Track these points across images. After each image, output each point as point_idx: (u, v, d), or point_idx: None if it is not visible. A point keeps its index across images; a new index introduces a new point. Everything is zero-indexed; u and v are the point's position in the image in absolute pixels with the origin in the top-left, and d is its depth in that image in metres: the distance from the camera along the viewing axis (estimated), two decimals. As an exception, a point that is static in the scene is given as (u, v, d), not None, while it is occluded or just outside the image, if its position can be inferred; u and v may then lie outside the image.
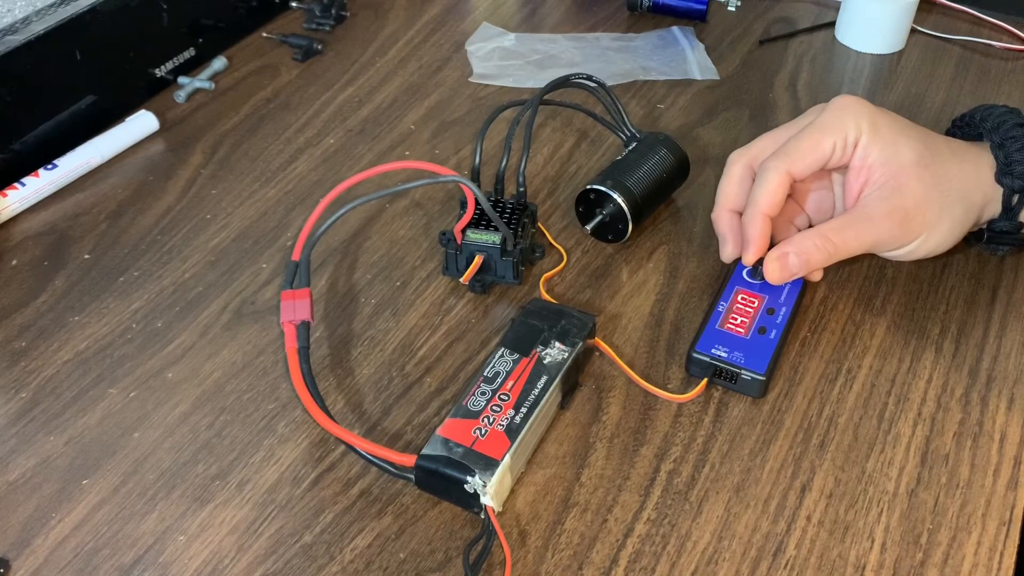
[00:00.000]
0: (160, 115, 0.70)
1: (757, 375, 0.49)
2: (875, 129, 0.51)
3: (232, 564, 0.43)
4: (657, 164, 0.59)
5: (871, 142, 0.51)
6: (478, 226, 0.55)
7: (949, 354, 0.52)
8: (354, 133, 0.70)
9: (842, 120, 0.51)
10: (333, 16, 0.82)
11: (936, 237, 0.52)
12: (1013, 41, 0.81)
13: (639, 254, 0.59)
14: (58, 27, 0.65)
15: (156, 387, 0.51)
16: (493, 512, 0.43)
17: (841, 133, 0.51)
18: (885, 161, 0.51)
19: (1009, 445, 0.48)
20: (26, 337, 0.53)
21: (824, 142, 0.51)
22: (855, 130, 0.51)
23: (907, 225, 0.51)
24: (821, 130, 0.51)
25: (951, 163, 0.52)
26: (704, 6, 0.83)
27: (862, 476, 0.46)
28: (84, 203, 0.63)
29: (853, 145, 0.51)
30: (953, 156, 0.53)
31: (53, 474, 0.46)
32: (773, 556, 0.43)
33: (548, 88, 0.60)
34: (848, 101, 0.52)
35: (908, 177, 0.51)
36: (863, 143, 0.51)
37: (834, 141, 0.51)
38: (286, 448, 0.47)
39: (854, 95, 0.53)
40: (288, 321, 0.49)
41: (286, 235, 0.61)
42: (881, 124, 0.51)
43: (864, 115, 0.51)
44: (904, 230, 0.51)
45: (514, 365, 0.48)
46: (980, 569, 0.42)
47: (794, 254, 0.51)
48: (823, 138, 0.51)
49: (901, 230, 0.51)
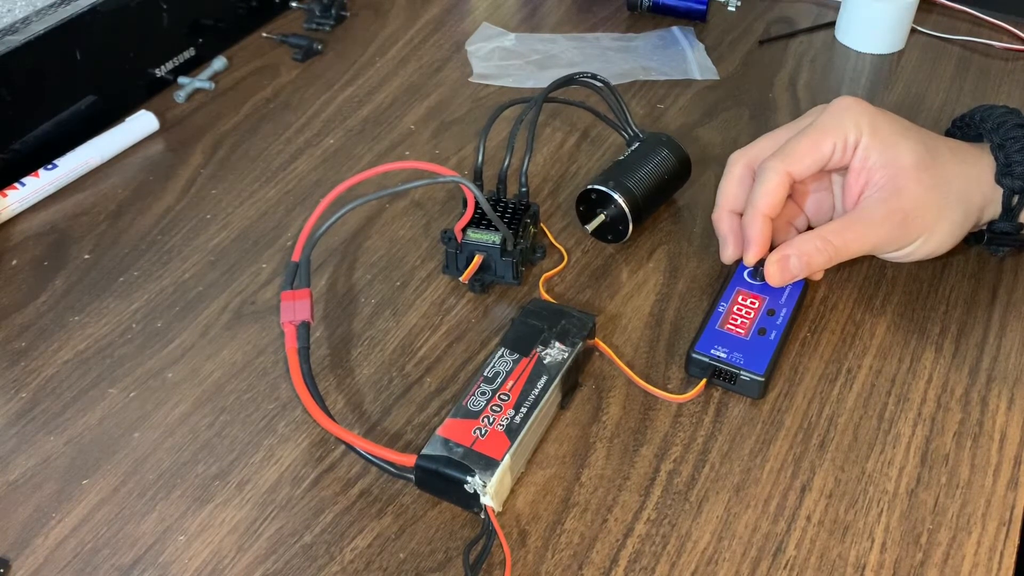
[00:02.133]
0: (160, 115, 0.70)
1: (756, 376, 0.49)
2: (875, 131, 0.51)
3: (232, 564, 0.43)
4: (658, 165, 0.59)
5: (871, 144, 0.51)
6: (479, 225, 0.55)
7: (949, 354, 0.52)
8: (354, 133, 0.70)
9: (842, 121, 0.51)
10: (333, 16, 0.82)
11: (936, 239, 0.52)
12: (1013, 41, 0.81)
13: (639, 254, 0.59)
14: (58, 27, 0.65)
15: (156, 387, 0.51)
16: (493, 512, 0.43)
17: (841, 134, 0.51)
18: (885, 163, 0.51)
19: (1009, 445, 0.48)
20: (26, 337, 0.53)
21: (824, 143, 0.51)
22: (855, 131, 0.51)
23: (907, 227, 0.51)
24: (821, 131, 0.51)
25: (951, 164, 0.52)
26: (704, 6, 0.83)
27: (862, 476, 0.46)
28: (84, 203, 0.63)
29: (853, 146, 0.51)
30: (953, 157, 0.53)
31: (53, 474, 0.46)
32: (773, 556, 0.43)
33: (552, 87, 0.60)
34: (848, 102, 0.52)
35: (908, 179, 0.51)
36: (863, 144, 0.51)
37: (834, 142, 0.51)
38: (286, 448, 0.47)
39: (854, 96, 0.53)
40: (288, 321, 0.49)
41: (286, 235, 0.61)
42: (881, 126, 0.51)
43: (864, 116, 0.51)
44: (904, 232, 0.51)
45: (514, 365, 0.48)
46: (980, 569, 0.42)
47: (795, 256, 0.51)
48: (823, 139, 0.51)
49: (901, 232, 0.51)
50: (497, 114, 0.59)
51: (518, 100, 0.62)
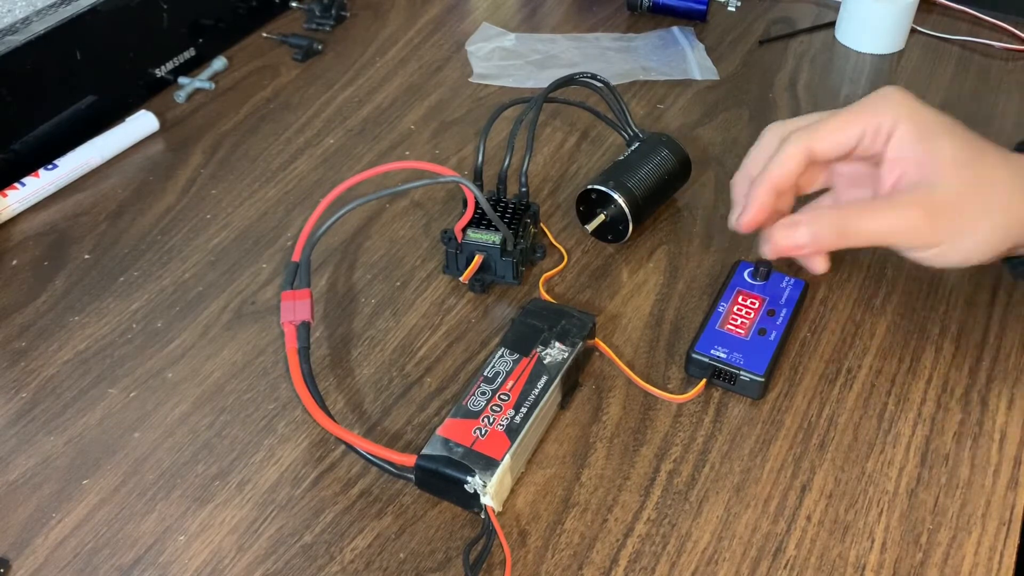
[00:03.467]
0: (160, 115, 0.70)
1: (756, 376, 0.49)
2: (914, 122, 0.48)
3: (232, 564, 0.43)
4: (658, 165, 0.59)
5: (908, 134, 0.48)
6: (479, 225, 0.55)
7: (949, 354, 0.52)
8: (354, 133, 0.70)
9: (877, 108, 0.48)
10: (333, 16, 0.82)
11: (968, 244, 0.48)
12: (1013, 41, 0.81)
13: (639, 254, 0.59)
14: (58, 27, 0.65)
15: (156, 387, 0.51)
16: (493, 512, 0.43)
17: (873, 120, 0.48)
18: (921, 154, 0.47)
19: (1009, 445, 0.48)
20: (26, 337, 0.53)
21: (852, 126, 0.48)
22: (891, 120, 0.48)
23: (933, 221, 0.47)
24: (853, 113, 0.49)
25: (1000, 169, 0.48)
26: (704, 6, 0.83)
27: (862, 476, 0.46)
28: (84, 203, 0.63)
29: (887, 135, 0.48)
30: (1004, 163, 0.48)
31: (53, 474, 0.46)
32: (773, 556, 0.43)
33: (552, 87, 0.60)
34: (890, 91, 0.49)
35: (944, 174, 0.47)
36: (899, 134, 0.48)
37: (863, 127, 0.48)
38: (286, 448, 0.47)
39: (899, 86, 0.50)
40: (288, 321, 0.49)
41: (286, 235, 0.61)
42: (923, 118, 0.48)
43: (904, 107, 0.48)
44: (930, 227, 0.47)
45: (514, 365, 0.48)
46: (980, 569, 0.42)
47: (805, 225, 0.48)
48: (852, 122, 0.48)
49: (926, 225, 0.47)
50: (497, 114, 0.59)
51: (518, 100, 0.62)
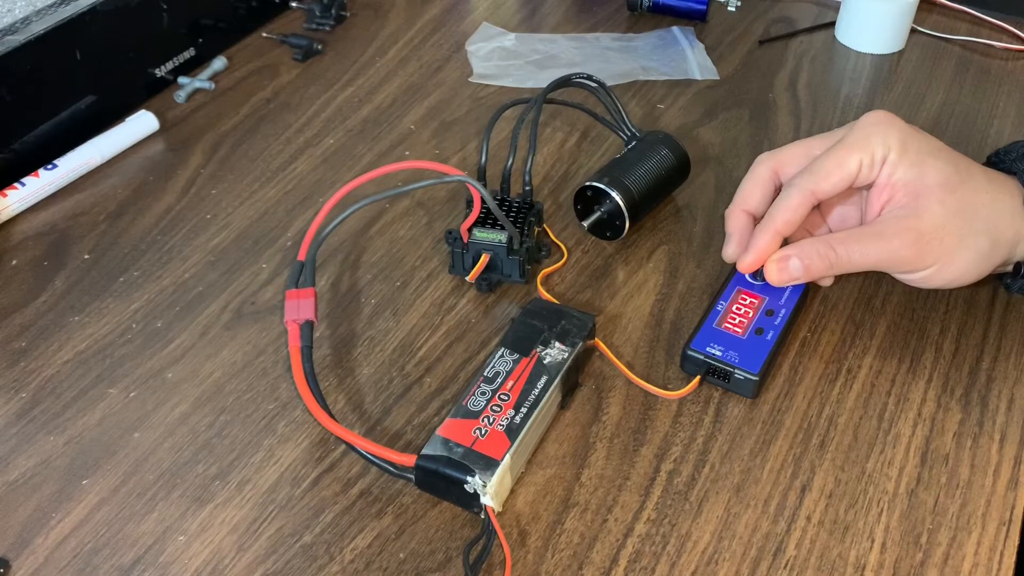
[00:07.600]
0: (160, 115, 0.70)
1: (750, 375, 0.49)
2: (904, 148, 0.49)
3: (232, 564, 0.43)
4: (656, 162, 0.59)
5: (899, 161, 0.49)
6: (484, 225, 0.55)
7: (949, 354, 0.52)
8: (354, 133, 0.70)
9: (869, 138, 0.50)
10: (333, 16, 0.82)
11: (955, 268, 0.50)
12: (1013, 41, 0.81)
13: (639, 254, 0.59)
14: (58, 27, 0.65)
15: (156, 387, 0.51)
16: (493, 512, 0.43)
17: (868, 151, 0.49)
18: (909, 181, 0.49)
19: (1009, 445, 0.48)
20: (26, 337, 0.53)
21: (850, 160, 0.49)
22: (883, 148, 0.49)
23: (920, 247, 0.49)
24: (847, 148, 0.50)
25: (983, 192, 0.50)
26: (704, 6, 0.83)
27: (862, 476, 0.46)
28: (84, 203, 0.63)
29: (880, 163, 0.49)
30: (988, 185, 0.50)
31: (53, 474, 0.46)
32: (773, 556, 0.43)
33: (551, 87, 0.61)
34: (878, 118, 0.50)
35: (930, 199, 0.49)
36: (890, 161, 0.49)
37: (860, 159, 0.49)
38: (286, 448, 0.48)
39: (885, 111, 0.51)
40: (292, 320, 0.49)
41: (286, 235, 0.61)
42: (911, 144, 0.49)
43: (894, 133, 0.50)
44: (917, 253, 0.49)
45: (514, 365, 0.48)
46: (980, 569, 0.42)
47: (796, 258, 0.50)
48: (849, 156, 0.50)
49: (913, 251, 0.49)
50: (500, 114, 0.59)
51: (519, 100, 0.62)
